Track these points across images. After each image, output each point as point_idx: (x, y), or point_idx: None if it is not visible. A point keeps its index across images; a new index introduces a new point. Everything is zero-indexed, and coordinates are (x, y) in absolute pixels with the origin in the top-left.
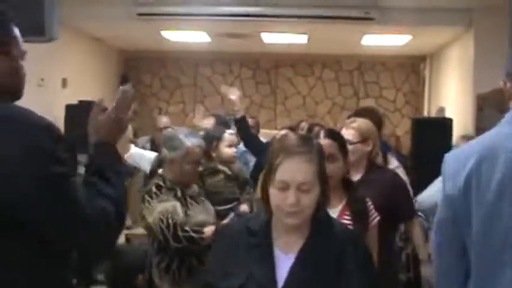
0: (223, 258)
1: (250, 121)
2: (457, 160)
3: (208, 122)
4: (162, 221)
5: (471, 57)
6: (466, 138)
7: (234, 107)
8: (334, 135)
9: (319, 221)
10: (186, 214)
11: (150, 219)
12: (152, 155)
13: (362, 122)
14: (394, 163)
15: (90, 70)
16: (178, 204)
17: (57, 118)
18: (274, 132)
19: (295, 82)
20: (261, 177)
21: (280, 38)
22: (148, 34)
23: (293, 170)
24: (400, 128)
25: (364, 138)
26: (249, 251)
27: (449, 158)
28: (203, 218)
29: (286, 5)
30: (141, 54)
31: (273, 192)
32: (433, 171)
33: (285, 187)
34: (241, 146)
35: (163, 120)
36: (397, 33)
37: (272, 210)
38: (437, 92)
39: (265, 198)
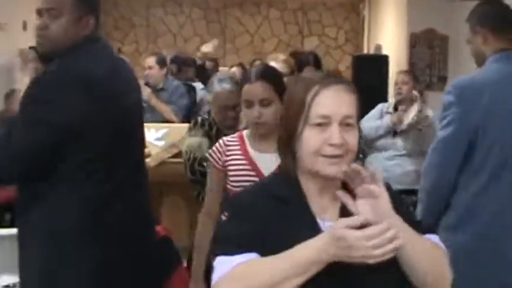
0: (249, 236)
1: (208, 64)
2: (472, 91)
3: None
4: (186, 153)
5: None
6: (403, 73)
7: None
8: (267, 74)
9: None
10: None
11: (182, 150)
12: None
13: (284, 57)
14: None
15: None
16: (205, 141)
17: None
18: (225, 69)
19: (243, 21)
20: (281, 123)
21: None
22: None
23: (335, 100)
24: (342, 64)
25: (292, 70)
26: (285, 224)
27: (463, 88)
28: None
29: None
30: None
31: (308, 135)
32: (372, 102)
33: (326, 122)
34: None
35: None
36: None
37: (301, 165)
38: (375, 31)
39: (289, 149)
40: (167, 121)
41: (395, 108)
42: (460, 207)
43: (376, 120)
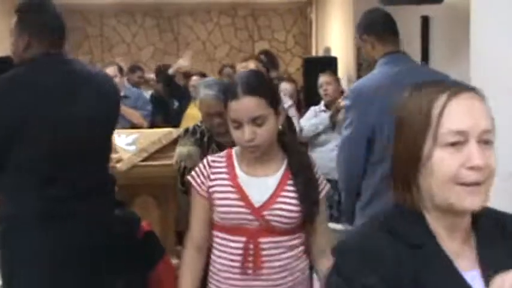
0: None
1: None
2: (365, 95)
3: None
4: (176, 163)
5: (351, 2)
6: (325, 75)
7: None
8: (257, 86)
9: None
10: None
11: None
12: None
13: (255, 64)
14: (287, 102)
15: None
16: (195, 150)
17: None
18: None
19: (195, 28)
20: (396, 146)
21: None
22: None
23: (470, 112)
24: (291, 66)
25: None
26: (421, 275)
27: (358, 92)
28: None
29: None
30: None
31: (440, 158)
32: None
33: (462, 141)
34: None
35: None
36: None
37: (427, 198)
38: (323, 33)
39: (412, 179)
40: (135, 127)
41: (327, 107)
42: (368, 192)
43: (312, 119)
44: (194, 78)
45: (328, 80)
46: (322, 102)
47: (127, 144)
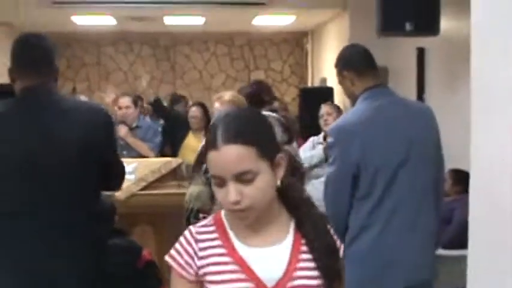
0: None
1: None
2: (346, 132)
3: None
4: (186, 202)
5: (347, 33)
6: (326, 105)
7: None
8: (241, 133)
9: None
10: (211, 200)
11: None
12: None
13: (231, 95)
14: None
15: None
16: (205, 190)
17: None
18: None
19: (192, 58)
20: None
21: (180, 20)
22: (59, 19)
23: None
24: (287, 96)
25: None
26: None
27: (339, 130)
28: None
29: None
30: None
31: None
32: (318, 130)
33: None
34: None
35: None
36: (283, 15)
37: None
38: (318, 64)
39: None
40: (142, 157)
41: (325, 139)
42: (355, 226)
43: (309, 151)
44: (193, 109)
45: (330, 111)
46: (322, 134)
47: (127, 173)
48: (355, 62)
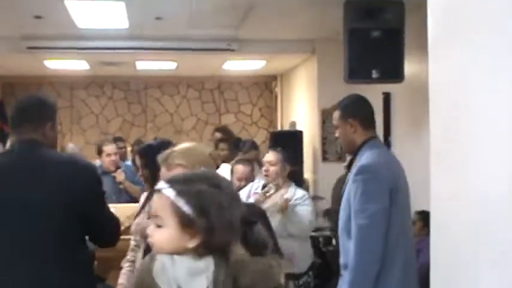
0: None
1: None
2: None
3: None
4: None
5: (315, 77)
6: (271, 152)
7: None
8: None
9: None
10: None
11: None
12: None
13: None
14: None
15: None
16: None
17: None
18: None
19: (163, 101)
20: None
21: (152, 64)
22: (31, 63)
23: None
24: (257, 139)
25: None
26: None
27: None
28: None
29: (158, 38)
30: (18, 80)
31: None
32: (289, 176)
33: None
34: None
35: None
36: (253, 60)
37: None
38: (288, 107)
39: None
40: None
41: (264, 187)
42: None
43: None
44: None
45: (274, 161)
46: (261, 183)
47: None
48: (365, 113)
